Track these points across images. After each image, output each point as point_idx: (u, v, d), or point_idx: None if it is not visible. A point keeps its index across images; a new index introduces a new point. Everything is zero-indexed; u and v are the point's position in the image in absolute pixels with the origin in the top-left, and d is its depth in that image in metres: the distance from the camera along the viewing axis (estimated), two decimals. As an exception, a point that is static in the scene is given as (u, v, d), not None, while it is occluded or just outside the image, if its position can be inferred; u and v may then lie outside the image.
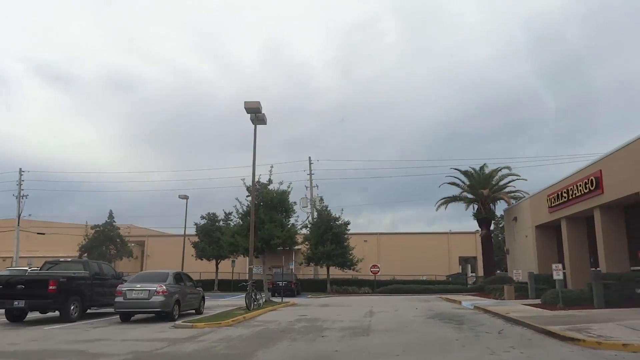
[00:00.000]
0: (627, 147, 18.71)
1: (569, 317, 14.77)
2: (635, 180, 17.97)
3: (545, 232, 29.00)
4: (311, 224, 42.99)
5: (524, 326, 13.76)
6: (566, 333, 11.20)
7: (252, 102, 22.87)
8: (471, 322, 15.19)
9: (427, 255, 56.40)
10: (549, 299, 19.07)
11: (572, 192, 23.09)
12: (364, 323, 15.42)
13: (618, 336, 10.57)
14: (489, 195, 34.04)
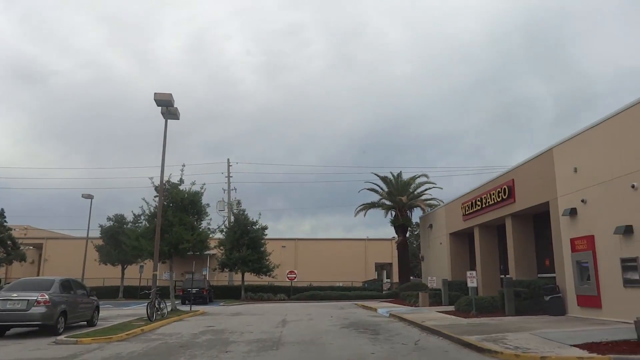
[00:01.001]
0: (538, 158, 19.19)
1: (483, 326, 14.59)
2: (544, 190, 18.42)
3: (459, 240, 29.55)
4: (227, 228, 41.24)
5: (440, 336, 13.32)
6: (483, 344, 10.78)
7: (163, 94, 21.07)
8: (387, 332, 14.57)
9: (345, 262, 56.43)
10: (463, 306, 19.04)
11: (486, 201, 23.52)
12: (275, 334, 14.29)
13: (534, 347, 10.27)
14: (407, 203, 34.33)
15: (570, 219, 16.72)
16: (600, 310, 15.00)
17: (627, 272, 13.81)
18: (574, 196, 16.47)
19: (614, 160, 14.55)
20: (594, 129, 15.60)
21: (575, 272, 16.32)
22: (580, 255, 16.08)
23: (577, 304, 16.17)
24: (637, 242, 13.42)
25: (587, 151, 15.90)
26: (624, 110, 14.27)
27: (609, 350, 9.62)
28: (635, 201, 13.51)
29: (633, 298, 13.59)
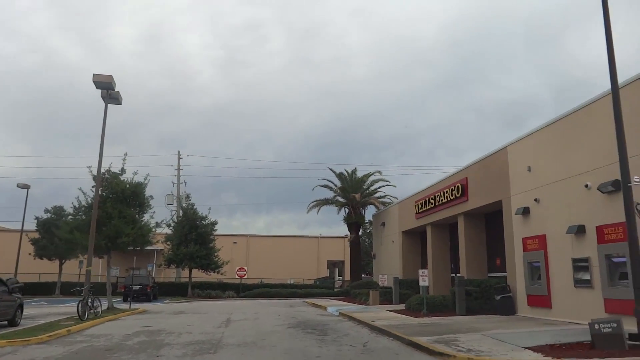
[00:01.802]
0: (492, 156, 19.01)
1: (434, 326, 14.13)
2: (498, 189, 18.24)
3: (411, 238, 29.33)
4: (175, 222, 39.60)
5: (390, 337, 12.72)
6: (435, 347, 10.21)
7: (103, 76, 19.57)
8: (335, 332, 13.86)
9: (297, 259, 55.79)
10: (414, 305, 18.62)
11: (439, 199, 23.28)
12: (216, 336, 13.29)
13: (487, 350, 9.78)
14: (360, 200, 33.89)
15: (522, 218, 16.55)
16: (550, 310, 14.86)
17: (578, 272, 13.67)
18: (527, 195, 16.31)
19: (568, 160, 14.40)
20: (549, 128, 15.45)
21: (526, 272, 16.17)
22: (531, 254, 15.92)
23: (527, 304, 16.01)
24: (589, 242, 13.28)
25: (541, 150, 15.74)
26: (578, 110, 14.13)
27: (564, 354, 9.23)
28: (589, 201, 13.37)
29: (583, 298, 13.45)
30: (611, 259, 12.54)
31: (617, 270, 12.48)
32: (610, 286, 12.43)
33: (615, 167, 12.02)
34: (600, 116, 13.11)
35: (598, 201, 13.00)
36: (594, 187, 13.02)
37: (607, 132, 12.65)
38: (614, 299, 12.24)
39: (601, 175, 12.84)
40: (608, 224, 12.53)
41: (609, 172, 12.57)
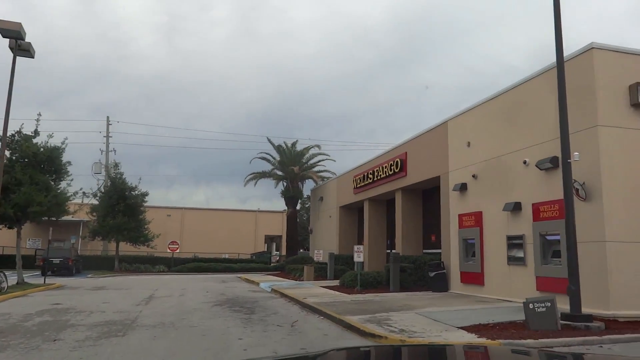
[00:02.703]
0: (432, 131, 18.62)
1: (368, 303, 13.62)
2: (437, 164, 17.91)
3: (348, 213, 28.90)
4: (102, 193, 37.17)
5: (322, 315, 12.06)
6: (366, 327, 9.59)
7: (10, 23, 17.25)
8: (264, 311, 13.04)
9: (234, 233, 54.55)
10: (348, 281, 18.14)
11: (378, 174, 22.81)
12: (132, 315, 12.09)
13: (421, 330, 9.28)
14: (299, 174, 33.04)
15: (459, 194, 16.30)
16: (483, 287, 14.75)
17: (512, 250, 13.54)
18: (465, 171, 16.02)
19: (507, 136, 14.13)
20: (489, 103, 15.11)
21: (461, 249, 15.99)
22: (467, 231, 15.72)
23: (461, 281, 15.88)
24: (524, 219, 13.12)
25: (481, 125, 15.42)
26: (519, 85, 13.81)
27: (498, 334, 8.88)
28: (526, 178, 13.16)
29: (516, 276, 13.36)
30: (545, 237, 12.42)
31: (550, 248, 12.39)
32: (543, 264, 12.33)
33: (554, 144, 11.79)
34: (540, 92, 12.83)
35: (535, 178, 12.81)
36: (532, 164, 12.80)
37: (547, 109, 12.39)
38: (546, 277, 12.15)
39: (540, 152, 12.61)
40: (544, 202, 12.36)
41: (547, 149, 12.35)
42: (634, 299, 10.45)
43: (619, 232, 10.65)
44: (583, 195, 11.10)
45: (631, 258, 10.62)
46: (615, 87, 11.19)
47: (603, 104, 11.06)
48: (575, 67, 11.51)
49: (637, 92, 11.04)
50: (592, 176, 10.99)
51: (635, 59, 11.49)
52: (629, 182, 10.93)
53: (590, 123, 11.10)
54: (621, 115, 11.13)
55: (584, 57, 11.42)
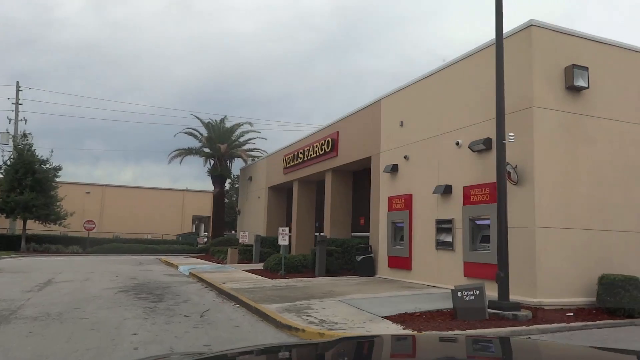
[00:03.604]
0: (365, 109, 17.84)
1: (290, 289, 12.68)
2: (369, 144, 17.17)
3: (277, 194, 27.83)
4: (8, 165, 33.64)
5: (238, 303, 10.97)
6: (283, 318, 8.61)
7: None
8: (174, 298, 11.74)
9: (160, 213, 52.02)
10: (271, 265, 17.12)
11: (308, 154, 21.84)
12: (15, 304, 10.40)
13: (342, 321, 8.42)
14: (227, 151, 31.42)
15: (390, 176, 15.65)
16: (410, 272, 14.25)
17: (441, 234, 13.05)
18: (397, 152, 15.37)
19: (440, 116, 13.55)
20: (425, 81, 14.46)
21: (390, 232, 15.40)
22: (396, 214, 15.13)
23: (388, 266, 15.32)
24: (455, 203, 12.62)
25: (416, 104, 14.77)
26: (456, 63, 13.22)
27: (424, 325, 8.20)
28: (458, 160, 12.64)
29: (444, 261, 12.89)
30: (475, 221, 11.98)
31: (479, 233, 11.97)
32: (471, 249, 11.90)
33: (488, 125, 11.28)
34: (477, 70, 12.28)
35: (467, 161, 12.30)
36: (465, 146, 12.27)
37: (483, 88, 11.85)
38: (474, 262, 11.73)
39: (473, 134, 12.09)
40: (475, 185, 11.89)
41: (481, 131, 11.84)
42: (560, 287, 10.19)
43: (549, 217, 10.32)
44: (515, 179, 10.67)
45: (559, 244, 10.34)
46: (552, 68, 10.79)
47: (539, 84, 10.62)
48: (513, 44, 10.98)
49: (573, 75, 10.69)
50: (524, 159, 10.56)
51: (572, 40, 11.14)
52: (560, 166, 10.61)
53: (526, 104, 10.63)
54: (556, 97, 10.76)
55: (523, 34, 10.91)
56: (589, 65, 10.91)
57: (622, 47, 11.67)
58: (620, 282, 9.59)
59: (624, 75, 11.62)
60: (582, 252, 10.52)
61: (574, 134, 10.81)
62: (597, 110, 11.12)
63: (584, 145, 10.89)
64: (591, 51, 11.25)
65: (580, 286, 10.33)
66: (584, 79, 10.80)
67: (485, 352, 2.34)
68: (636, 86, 11.72)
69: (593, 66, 11.01)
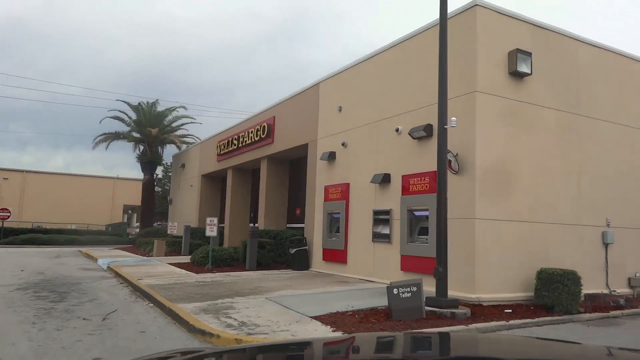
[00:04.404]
0: (303, 93, 16.86)
1: (215, 285, 11.55)
2: (306, 131, 16.23)
3: (211, 183, 26.38)
4: None
5: (152, 302, 9.73)
6: (197, 320, 7.51)
7: None
8: (80, 297, 10.32)
9: (88, 202, 48.89)
10: (199, 258, 15.86)
11: (243, 140, 20.62)
12: None
13: (265, 323, 7.45)
14: (158, 136, 29.48)
15: (327, 164, 14.80)
16: (346, 265, 13.49)
17: (378, 226, 12.35)
18: (335, 138, 14.52)
19: (381, 100, 12.80)
20: (365, 64, 13.67)
21: (325, 224, 14.57)
22: (332, 204, 14.31)
23: (323, 259, 14.50)
24: (393, 193, 11.93)
25: (355, 88, 13.95)
26: (397, 44, 12.50)
27: (357, 326, 7.38)
28: (398, 147, 11.95)
29: (380, 255, 12.21)
30: (413, 212, 11.34)
31: (418, 224, 11.35)
32: (409, 242, 11.25)
33: (430, 111, 10.63)
34: (419, 53, 11.60)
35: (407, 148, 11.63)
36: (405, 132, 11.58)
37: (425, 72, 11.18)
38: (412, 255, 11.10)
39: (414, 120, 11.42)
40: (414, 174, 11.24)
41: (422, 117, 11.18)
42: (499, 282, 9.72)
43: (489, 208, 9.81)
44: (456, 168, 10.08)
45: (498, 237, 9.86)
46: (496, 51, 10.25)
47: (483, 68, 10.04)
48: (458, 25, 10.35)
49: (516, 60, 10.20)
50: (466, 148, 9.98)
51: (517, 23, 10.65)
52: (502, 156, 10.11)
53: (469, 88, 10.04)
54: (499, 83, 10.23)
55: (468, 14, 10.29)
56: (532, 51, 10.47)
57: (565, 35, 11.36)
58: (558, 277, 9.22)
59: (565, 63, 11.31)
60: (522, 245, 10.11)
61: (515, 122, 10.35)
62: (538, 99, 10.73)
63: (525, 134, 10.47)
64: (534, 37, 10.83)
65: (519, 281, 9.92)
66: (527, 65, 10.35)
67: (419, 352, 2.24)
68: (576, 75, 11.45)
69: (536, 52, 10.58)
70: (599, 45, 11.99)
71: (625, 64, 12.56)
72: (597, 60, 11.92)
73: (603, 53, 12.08)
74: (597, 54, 11.93)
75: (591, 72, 11.73)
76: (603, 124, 11.80)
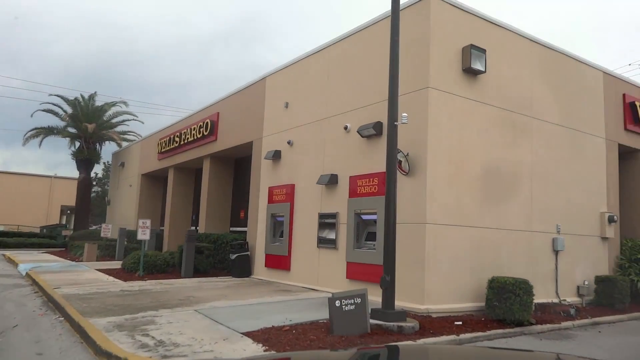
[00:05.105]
0: (249, 88, 15.87)
1: (141, 295, 10.37)
2: (251, 128, 15.25)
3: (152, 183, 24.84)
4: None
5: (62, 315, 8.50)
6: (106, 340, 6.40)
7: None
8: (-22, 309, 8.94)
9: (22, 201, 45.63)
10: (130, 263, 14.52)
11: (186, 137, 19.36)
12: None
13: (187, 342, 6.44)
14: (96, 132, 27.58)
15: (272, 163, 13.88)
16: (289, 273, 12.60)
17: (324, 230, 11.54)
18: (281, 136, 13.63)
19: (329, 96, 12.02)
20: (314, 57, 12.87)
21: (269, 227, 13.63)
22: (277, 207, 13.39)
23: (265, 265, 13.54)
24: (340, 195, 11.16)
25: (303, 83, 13.12)
26: (348, 37, 11.78)
27: (293, 343, 6.51)
28: (346, 146, 11.20)
29: (325, 261, 11.39)
30: (361, 216, 10.60)
31: (365, 229, 10.62)
32: (355, 248, 10.50)
33: (381, 108, 9.94)
34: (371, 46, 10.90)
35: (356, 147, 10.89)
36: (354, 130, 10.84)
37: (376, 66, 10.49)
38: (358, 262, 10.34)
39: (364, 117, 10.70)
40: (363, 174, 10.51)
41: (373, 114, 10.47)
42: (449, 291, 9.11)
43: (440, 212, 9.19)
44: (406, 169, 9.41)
45: (449, 244, 9.26)
46: (450, 46, 9.68)
47: (436, 64, 9.44)
48: (411, 17, 9.72)
49: (470, 56, 9.66)
50: (417, 147, 9.33)
51: (471, 19, 10.14)
52: (455, 157, 9.54)
53: (422, 84, 9.40)
54: (453, 79, 9.67)
55: (422, 5, 9.67)
56: (487, 48, 9.98)
57: (519, 34, 10.96)
58: (510, 286, 8.69)
59: (519, 63, 10.93)
60: (473, 251, 9.56)
61: (469, 122, 9.82)
62: (492, 98, 10.25)
63: (478, 135, 9.95)
64: (489, 34, 10.36)
65: (469, 290, 9.35)
66: (481, 62, 9.84)
67: None
68: (529, 76, 11.09)
69: (490, 50, 10.11)
70: (553, 47, 11.71)
71: (579, 68, 12.36)
72: (550, 62, 11.63)
73: (556, 55, 11.81)
74: (550, 56, 11.64)
75: (544, 74, 11.41)
76: (555, 127, 11.51)
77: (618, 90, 13.36)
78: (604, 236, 12.28)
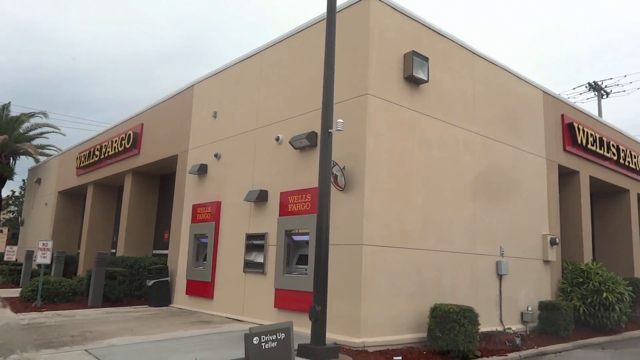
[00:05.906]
0: (177, 97, 14.53)
1: (28, 330, 8.65)
2: (177, 140, 13.88)
3: (70, 201, 22.60)
4: None
5: None
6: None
7: None
8: None
9: None
10: (28, 291, 12.58)
11: (106, 151, 17.60)
12: None
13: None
14: (8, 144, 24.94)
15: (198, 178, 12.56)
16: (212, 301, 11.21)
17: (252, 253, 10.31)
18: (208, 149, 12.37)
19: (259, 105, 10.96)
20: (242, 64, 11.80)
21: (192, 250, 12.22)
22: (201, 227, 12.03)
23: (186, 292, 12.07)
24: (270, 213, 10.02)
25: (233, 91, 11.99)
26: (275, 44, 10.84)
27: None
28: (278, 160, 10.12)
29: (252, 288, 10.14)
30: (292, 236, 9.50)
31: (297, 251, 9.51)
32: (285, 273, 9.34)
33: (314, 117, 8.99)
34: (306, 50, 9.99)
35: (288, 160, 9.84)
36: (286, 141, 9.80)
37: (312, 72, 9.57)
38: (288, 289, 9.18)
39: (298, 127, 9.69)
40: (295, 190, 9.44)
41: (308, 123, 9.49)
42: (388, 321, 8.12)
43: (379, 233, 8.25)
44: (342, 184, 8.44)
45: (387, 267, 8.31)
46: (391, 51, 8.92)
47: (376, 69, 8.62)
48: (349, 19, 8.92)
49: (412, 64, 8.93)
50: (354, 160, 8.40)
51: (413, 25, 9.47)
52: (395, 172, 8.68)
53: (360, 91, 8.54)
54: (393, 87, 8.88)
55: (361, 7, 8.88)
56: (430, 57, 9.32)
57: (461, 45, 10.42)
58: (454, 315, 7.83)
59: (461, 75, 10.36)
60: (414, 276, 8.66)
61: (410, 135, 9.03)
62: (434, 110, 9.56)
63: (420, 149, 9.18)
64: (432, 42, 9.73)
65: (410, 319, 8.41)
66: (423, 71, 9.13)
67: None
68: (471, 89, 10.54)
69: (433, 59, 9.45)
70: (494, 62, 11.28)
71: (520, 86, 12.01)
72: (492, 77, 11.18)
73: (498, 71, 11.39)
74: (492, 70, 11.20)
75: (486, 88, 10.92)
76: (497, 144, 10.99)
77: (557, 111, 13.17)
78: (546, 259, 11.81)
